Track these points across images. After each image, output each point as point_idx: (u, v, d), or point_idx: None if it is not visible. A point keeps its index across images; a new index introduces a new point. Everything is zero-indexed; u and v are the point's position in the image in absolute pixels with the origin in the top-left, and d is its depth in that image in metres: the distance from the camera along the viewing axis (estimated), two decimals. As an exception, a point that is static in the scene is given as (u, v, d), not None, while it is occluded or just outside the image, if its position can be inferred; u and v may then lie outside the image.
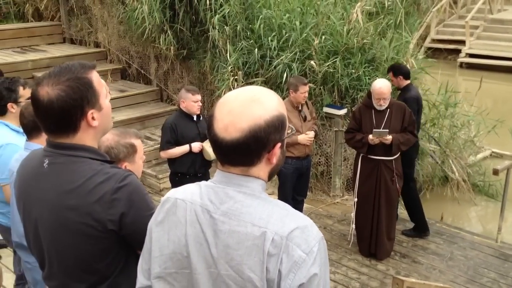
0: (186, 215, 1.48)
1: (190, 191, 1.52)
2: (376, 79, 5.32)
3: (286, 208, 1.45)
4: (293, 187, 5.59)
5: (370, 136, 5.12)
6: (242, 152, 1.40)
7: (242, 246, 1.37)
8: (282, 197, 5.43)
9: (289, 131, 1.50)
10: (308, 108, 5.58)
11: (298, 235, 1.36)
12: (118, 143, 2.26)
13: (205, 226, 1.43)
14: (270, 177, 1.51)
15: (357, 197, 5.47)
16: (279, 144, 1.44)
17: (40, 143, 2.79)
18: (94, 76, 1.83)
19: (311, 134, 5.39)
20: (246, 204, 1.42)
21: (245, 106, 1.40)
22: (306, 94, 5.35)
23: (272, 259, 1.34)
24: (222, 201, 1.44)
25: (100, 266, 1.85)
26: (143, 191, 1.86)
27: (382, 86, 5.10)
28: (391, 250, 5.60)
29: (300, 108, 5.42)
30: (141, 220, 1.79)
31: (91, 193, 1.75)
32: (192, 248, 1.44)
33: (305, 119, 5.44)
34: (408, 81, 5.87)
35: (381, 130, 5.09)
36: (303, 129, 5.37)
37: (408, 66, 6.87)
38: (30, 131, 3.02)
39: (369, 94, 5.29)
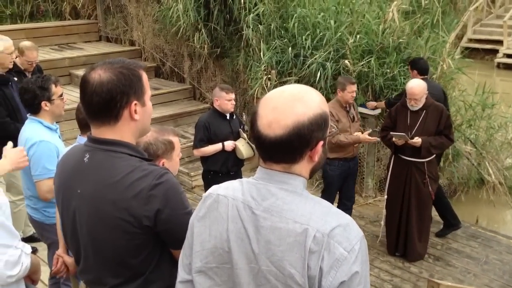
0: (228, 211, 1.49)
1: (232, 187, 1.54)
2: (409, 81, 5.22)
3: (327, 206, 1.45)
4: (339, 189, 5.56)
5: (393, 138, 5.09)
6: (285, 150, 1.41)
7: (283, 242, 1.38)
8: (327, 199, 5.38)
9: (331, 130, 1.49)
10: (354, 109, 5.56)
11: (340, 233, 1.36)
12: (157, 140, 2.29)
13: (246, 222, 1.45)
14: (311, 175, 1.52)
15: (387, 195, 5.44)
16: (321, 142, 1.44)
17: None
18: (144, 74, 1.89)
19: (372, 138, 5.38)
20: (288, 201, 1.43)
21: (289, 104, 1.41)
22: (354, 94, 5.30)
23: (313, 256, 1.34)
24: (264, 198, 1.45)
25: (134, 262, 1.86)
26: (179, 190, 1.87)
27: (413, 86, 5.02)
28: (423, 253, 5.51)
29: (348, 108, 5.37)
30: (176, 218, 1.81)
31: (129, 189, 1.77)
32: (233, 244, 1.46)
33: (353, 119, 5.41)
34: (423, 77, 5.71)
35: (398, 133, 5.04)
36: (352, 130, 5.32)
37: (444, 66, 6.76)
38: (84, 126, 3.15)
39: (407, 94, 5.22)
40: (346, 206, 5.58)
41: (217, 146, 4.98)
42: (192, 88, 9.46)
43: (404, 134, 5.03)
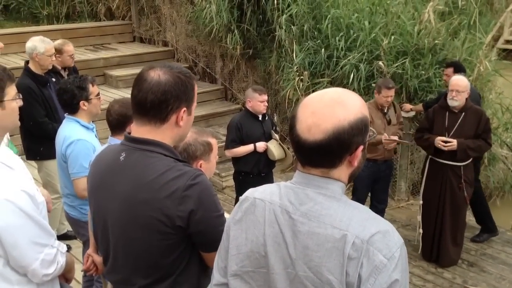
0: (264, 215, 1.48)
1: (269, 191, 1.53)
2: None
3: (367, 211, 1.43)
4: (369, 191, 5.50)
5: (442, 138, 4.95)
6: (324, 154, 1.39)
7: (321, 248, 1.36)
8: (357, 199, 5.35)
9: (371, 134, 1.47)
10: (396, 112, 5.48)
11: (379, 239, 1.34)
12: (196, 141, 2.30)
13: (284, 226, 1.43)
14: (350, 180, 1.50)
15: (422, 200, 5.34)
16: (361, 147, 1.42)
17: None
18: (196, 86, 1.93)
19: (393, 137, 5.28)
20: (326, 206, 1.41)
21: (329, 108, 1.39)
22: (389, 99, 5.21)
23: (352, 263, 1.32)
24: (302, 202, 1.43)
25: (165, 262, 1.87)
26: (212, 192, 1.88)
27: (460, 78, 4.97)
28: (457, 258, 5.41)
29: (385, 111, 5.32)
30: (209, 220, 1.82)
31: (163, 188, 1.78)
32: (270, 248, 1.44)
33: (389, 122, 5.35)
34: None
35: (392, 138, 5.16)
36: (387, 132, 5.25)
37: (481, 68, 6.63)
38: (114, 127, 3.20)
39: (446, 95, 5.12)
40: (376, 208, 5.50)
41: (249, 147, 4.99)
42: (224, 89, 9.50)
43: (396, 137, 5.15)
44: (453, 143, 4.90)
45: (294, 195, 1.45)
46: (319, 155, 1.40)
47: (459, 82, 4.91)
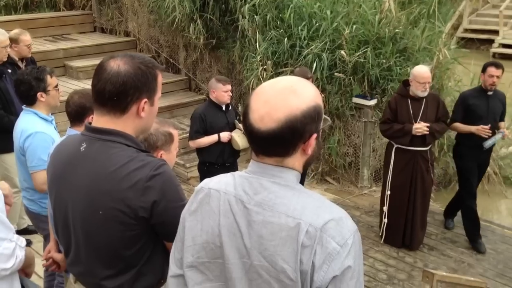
0: (219, 205, 1.48)
1: (224, 181, 1.53)
2: (415, 67, 5.18)
3: (321, 199, 1.44)
4: None
5: (418, 125, 5.07)
6: (277, 143, 1.40)
7: (276, 237, 1.37)
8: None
9: (328, 121, 1.49)
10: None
11: (333, 227, 1.35)
12: (157, 131, 2.29)
13: (238, 216, 1.43)
14: (305, 168, 1.51)
15: (390, 190, 5.41)
16: (315, 135, 1.43)
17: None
18: (160, 76, 1.91)
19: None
20: (280, 195, 1.41)
21: (282, 97, 1.39)
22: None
23: (306, 251, 1.33)
24: (256, 192, 1.43)
25: (127, 254, 1.87)
26: (176, 182, 1.87)
27: (427, 70, 5.09)
28: (422, 239, 5.60)
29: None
30: (172, 211, 1.81)
31: (125, 179, 1.77)
32: (225, 238, 1.45)
33: None
34: None
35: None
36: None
37: (440, 56, 6.76)
38: (74, 118, 3.14)
39: (405, 83, 5.22)
40: None
41: (213, 138, 4.98)
42: (187, 79, 9.43)
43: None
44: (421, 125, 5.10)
45: (249, 185, 1.45)
46: (272, 144, 1.40)
47: (429, 75, 5.07)
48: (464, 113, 5.38)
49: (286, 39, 7.13)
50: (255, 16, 7.42)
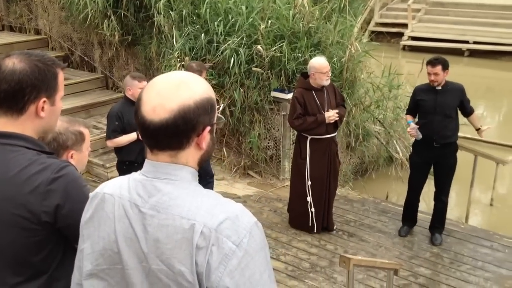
0: (114, 210, 1.44)
1: (118, 185, 1.49)
2: (313, 61, 5.38)
3: (216, 198, 1.42)
4: None
5: (330, 113, 5.31)
6: (170, 134, 1.37)
7: (171, 240, 1.34)
8: None
9: (222, 119, 1.50)
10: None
11: (228, 226, 1.33)
12: (67, 130, 2.22)
13: (134, 221, 1.40)
14: (200, 165, 1.48)
15: (310, 180, 5.56)
16: (208, 128, 1.42)
17: None
18: (61, 74, 1.84)
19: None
20: (174, 196, 1.39)
21: (175, 88, 1.38)
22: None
23: (201, 252, 1.32)
24: (150, 194, 1.41)
25: (35, 260, 1.80)
26: (81, 183, 1.82)
27: (325, 60, 5.37)
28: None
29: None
30: (78, 213, 1.73)
31: (26, 183, 1.71)
32: (122, 244, 1.41)
33: None
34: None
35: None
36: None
37: (352, 49, 7.00)
38: None
39: (305, 76, 5.43)
40: None
41: (132, 136, 4.90)
42: (104, 77, 9.18)
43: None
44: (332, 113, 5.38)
45: (143, 188, 1.42)
46: (166, 135, 1.38)
47: (327, 64, 5.35)
48: (414, 106, 5.53)
49: (203, 34, 7.12)
50: (170, 12, 7.35)
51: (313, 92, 5.37)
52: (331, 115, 5.32)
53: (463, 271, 5.13)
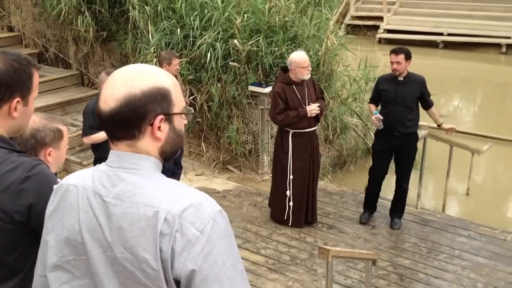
0: (78, 201, 1.44)
1: (83, 176, 1.49)
2: (293, 55, 5.37)
3: (181, 186, 1.43)
4: None
5: (311, 107, 5.33)
6: (121, 123, 1.39)
7: (135, 227, 1.35)
8: None
9: (191, 111, 1.49)
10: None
11: (192, 213, 1.34)
12: (45, 127, 2.19)
13: (97, 210, 1.41)
14: (165, 158, 1.49)
15: (292, 175, 5.57)
16: (160, 117, 1.41)
17: None
18: (36, 75, 1.83)
19: None
20: (138, 185, 1.40)
21: (126, 78, 1.40)
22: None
23: (165, 239, 1.32)
24: (114, 184, 1.41)
25: (9, 260, 1.78)
26: (53, 181, 1.79)
27: (305, 53, 5.40)
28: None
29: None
30: None
31: None
32: (86, 234, 1.41)
33: None
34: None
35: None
36: None
37: (328, 42, 7.03)
38: None
39: (285, 70, 5.43)
40: None
41: (108, 132, 4.85)
42: (79, 74, 9.06)
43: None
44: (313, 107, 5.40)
45: (107, 178, 1.43)
46: (117, 125, 1.39)
47: (307, 57, 5.36)
48: (377, 95, 5.62)
49: (179, 29, 7.08)
50: (145, 7, 7.29)
51: (293, 86, 5.37)
52: (312, 108, 5.34)
53: (441, 260, 5.21)
